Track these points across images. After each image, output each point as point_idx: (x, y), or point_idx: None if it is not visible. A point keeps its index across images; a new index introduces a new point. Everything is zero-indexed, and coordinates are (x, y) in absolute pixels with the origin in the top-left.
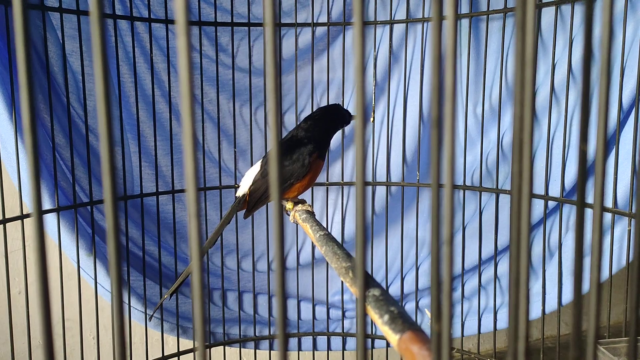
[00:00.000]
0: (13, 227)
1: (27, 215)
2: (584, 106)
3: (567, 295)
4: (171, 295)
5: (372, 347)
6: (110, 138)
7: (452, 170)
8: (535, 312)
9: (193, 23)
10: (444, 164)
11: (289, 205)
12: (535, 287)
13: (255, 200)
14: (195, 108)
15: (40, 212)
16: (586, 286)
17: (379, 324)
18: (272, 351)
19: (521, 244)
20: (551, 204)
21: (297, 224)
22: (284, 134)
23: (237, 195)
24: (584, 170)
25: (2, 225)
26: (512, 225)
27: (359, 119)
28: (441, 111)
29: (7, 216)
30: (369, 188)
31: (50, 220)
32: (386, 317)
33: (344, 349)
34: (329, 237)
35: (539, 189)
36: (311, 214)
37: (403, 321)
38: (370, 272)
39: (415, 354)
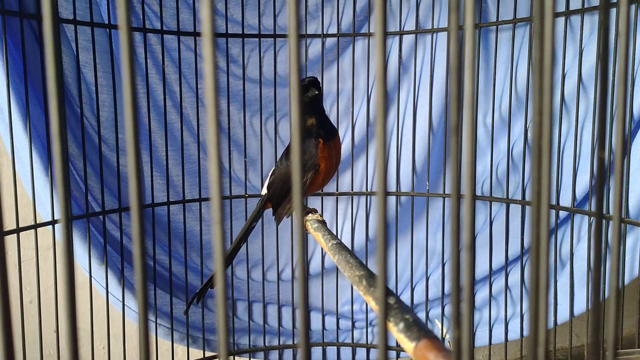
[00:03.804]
0: (24, 237)
1: (40, 225)
2: (601, 112)
3: (580, 306)
4: (199, 299)
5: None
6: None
7: (472, 173)
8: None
9: None
10: (464, 169)
11: None
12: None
13: (276, 196)
14: (219, 116)
15: (69, 218)
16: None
17: (393, 331)
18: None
19: (541, 248)
20: (562, 214)
21: (307, 234)
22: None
23: (261, 194)
24: (602, 178)
25: (15, 234)
26: (532, 229)
27: (380, 128)
28: (460, 118)
29: (20, 225)
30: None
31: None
32: (401, 325)
33: (353, 359)
34: (341, 245)
35: (550, 198)
36: (322, 223)
37: (418, 329)
38: None
39: None
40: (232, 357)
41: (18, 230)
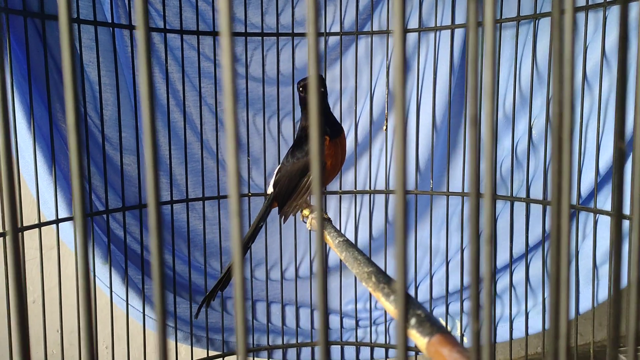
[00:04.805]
0: (28, 236)
1: (44, 224)
2: (620, 102)
3: (585, 304)
4: (209, 302)
5: (387, 356)
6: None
7: (492, 163)
8: None
9: (207, 33)
10: (483, 160)
11: (305, 211)
12: None
13: (282, 194)
14: (237, 114)
15: (85, 214)
16: (602, 295)
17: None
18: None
19: (561, 238)
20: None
21: (309, 233)
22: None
23: (267, 193)
24: (621, 170)
25: (19, 233)
26: (552, 221)
27: (399, 128)
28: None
29: (24, 224)
30: (382, 196)
31: (67, 228)
32: (413, 320)
33: (357, 358)
34: (348, 242)
35: None
36: (328, 220)
37: (431, 324)
38: None
39: (446, 357)
40: (235, 356)
41: (22, 230)
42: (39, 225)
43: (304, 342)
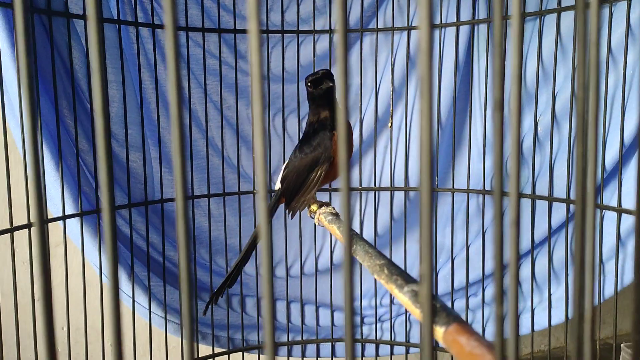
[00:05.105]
0: (34, 233)
1: (51, 220)
2: None
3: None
4: (217, 299)
5: (392, 353)
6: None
7: (518, 142)
8: (558, 318)
9: (212, 30)
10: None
11: (313, 207)
12: (558, 292)
13: (290, 189)
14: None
15: (113, 207)
16: (608, 291)
17: (421, 318)
18: (290, 358)
19: (587, 212)
20: (573, 207)
21: (315, 230)
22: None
23: (275, 188)
24: None
25: (27, 229)
26: (577, 203)
27: (426, 127)
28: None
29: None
30: (387, 193)
31: (74, 225)
32: None
33: (362, 355)
34: (358, 236)
35: (561, 192)
36: (336, 215)
37: (447, 314)
38: None
39: (464, 345)
40: (241, 353)
41: (29, 226)
42: (45, 221)
43: (309, 339)
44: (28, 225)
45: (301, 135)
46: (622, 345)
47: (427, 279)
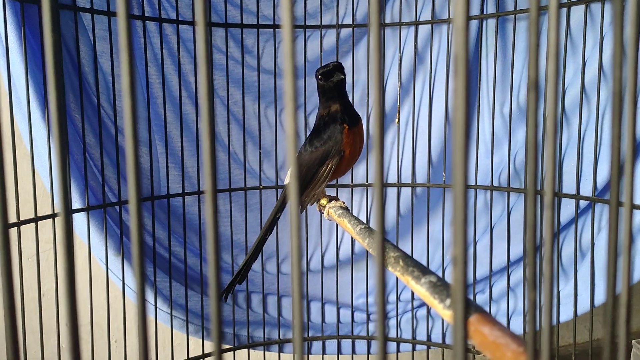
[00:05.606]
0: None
1: (58, 214)
2: None
3: (600, 297)
4: (226, 296)
5: (398, 350)
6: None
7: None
8: (566, 314)
9: (219, 25)
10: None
11: (323, 201)
12: (567, 289)
13: (300, 183)
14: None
15: (140, 200)
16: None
17: (439, 309)
18: (294, 354)
19: (624, 192)
20: (582, 203)
21: (322, 225)
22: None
23: (285, 183)
24: None
25: (33, 223)
26: (612, 185)
27: (460, 122)
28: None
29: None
30: (394, 189)
31: (80, 219)
32: (448, 301)
33: (368, 352)
34: (369, 229)
35: (569, 188)
36: (346, 209)
37: (468, 304)
38: None
39: (487, 335)
40: (246, 349)
41: (36, 220)
42: (53, 216)
43: (315, 335)
44: (52, 215)
45: (310, 129)
46: (633, 341)
47: (460, 262)
